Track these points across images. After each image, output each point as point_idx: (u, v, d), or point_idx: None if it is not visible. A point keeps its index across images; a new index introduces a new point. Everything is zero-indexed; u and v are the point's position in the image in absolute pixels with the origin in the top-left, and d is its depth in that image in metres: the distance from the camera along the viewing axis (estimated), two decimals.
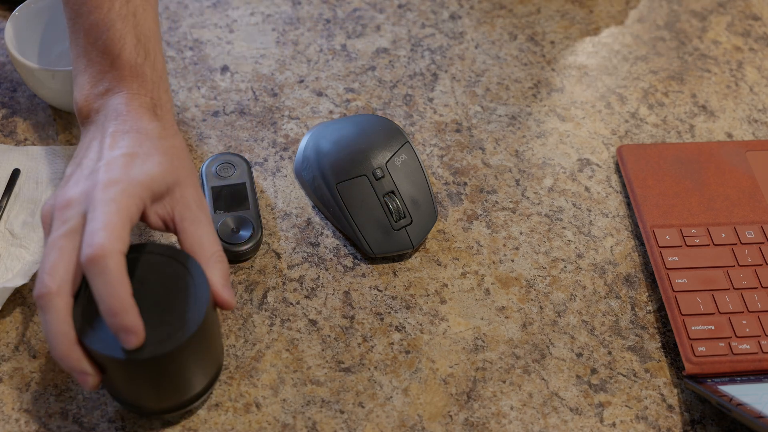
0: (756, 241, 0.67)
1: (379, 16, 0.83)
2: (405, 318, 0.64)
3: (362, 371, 0.61)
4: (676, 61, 0.81)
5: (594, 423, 0.60)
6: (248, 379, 0.61)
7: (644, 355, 0.63)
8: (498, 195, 0.71)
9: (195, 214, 0.55)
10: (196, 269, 0.54)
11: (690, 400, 0.61)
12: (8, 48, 0.69)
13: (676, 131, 0.76)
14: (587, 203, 0.71)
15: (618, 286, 0.67)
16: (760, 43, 0.83)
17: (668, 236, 0.67)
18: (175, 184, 0.55)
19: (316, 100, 0.76)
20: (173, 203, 0.55)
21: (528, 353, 0.63)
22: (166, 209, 0.55)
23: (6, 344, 0.61)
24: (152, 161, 0.54)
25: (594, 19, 0.84)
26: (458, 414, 0.60)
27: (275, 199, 0.70)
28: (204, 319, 0.52)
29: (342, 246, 0.68)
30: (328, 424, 0.59)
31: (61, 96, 0.70)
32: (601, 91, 0.78)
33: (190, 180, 0.56)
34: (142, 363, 0.51)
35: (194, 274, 0.54)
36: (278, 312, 0.64)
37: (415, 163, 0.68)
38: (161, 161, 0.54)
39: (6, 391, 0.59)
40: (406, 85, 0.78)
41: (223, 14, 0.82)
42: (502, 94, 0.78)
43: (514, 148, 0.74)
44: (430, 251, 0.68)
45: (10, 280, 0.61)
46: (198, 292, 0.53)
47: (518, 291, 0.66)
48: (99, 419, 0.58)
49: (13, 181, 0.68)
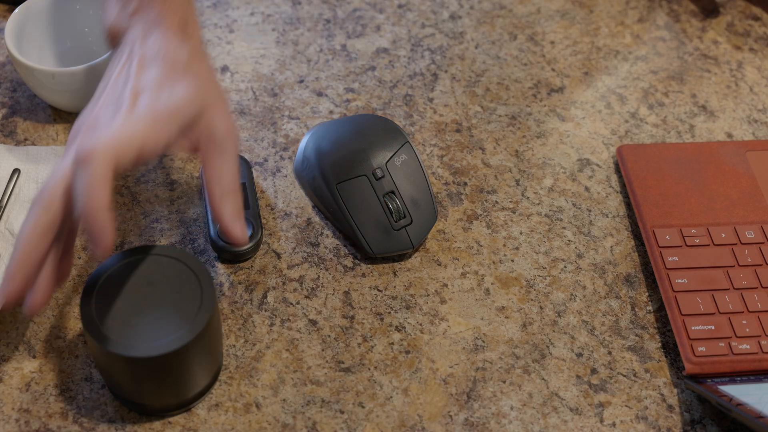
0: (756, 241, 0.67)
1: (379, 16, 0.83)
2: (405, 318, 0.64)
3: (362, 371, 0.61)
4: (676, 61, 0.81)
5: (594, 423, 0.60)
6: (248, 379, 0.61)
7: (644, 355, 0.63)
8: (498, 195, 0.71)
9: (218, 145, 0.55)
10: (202, 272, 0.55)
11: (690, 400, 0.61)
12: (8, 48, 0.69)
13: (676, 131, 0.76)
14: (587, 203, 0.71)
15: (618, 286, 0.67)
16: (760, 43, 0.83)
17: (668, 236, 0.67)
18: (204, 111, 0.54)
19: (316, 100, 0.76)
20: (200, 130, 0.54)
21: (528, 353, 0.63)
22: (191, 137, 0.54)
23: (6, 344, 0.61)
24: (179, 91, 0.53)
25: (594, 19, 0.84)
26: (458, 414, 0.60)
27: (275, 199, 0.70)
28: (209, 320, 0.53)
29: (342, 246, 0.68)
30: (328, 424, 0.59)
31: (61, 96, 0.70)
32: (601, 91, 0.78)
33: (218, 105, 0.55)
34: (145, 361, 0.51)
35: (200, 276, 0.54)
36: (278, 312, 0.64)
37: (415, 163, 0.68)
38: (188, 90, 0.53)
39: (6, 391, 0.59)
40: (406, 85, 0.78)
41: (223, 14, 0.82)
42: (502, 94, 0.78)
43: (514, 148, 0.74)
44: (430, 251, 0.68)
45: None
46: (204, 294, 0.54)
47: (518, 291, 0.66)
48: (99, 419, 0.58)
49: (13, 181, 0.68)
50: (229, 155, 0.55)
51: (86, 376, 0.60)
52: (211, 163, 0.55)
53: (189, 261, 0.55)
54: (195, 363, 0.54)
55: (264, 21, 0.82)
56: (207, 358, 0.55)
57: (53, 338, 0.62)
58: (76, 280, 0.64)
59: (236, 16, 0.82)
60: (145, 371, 0.53)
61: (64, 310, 0.63)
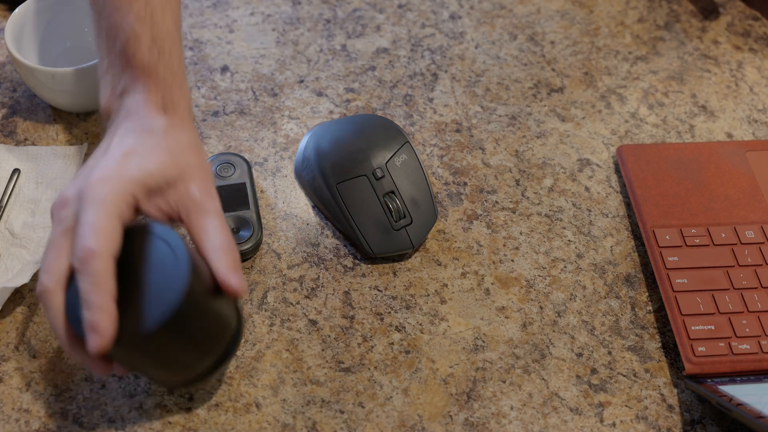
0: (756, 241, 0.67)
1: (379, 16, 0.83)
2: (405, 318, 0.64)
3: (362, 371, 0.61)
4: (676, 61, 0.81)
5: (594, 423, 0.60)
6: (248, 379, 0.61)
7: (644, 355, 0.63)
8: (498, 195, 0.71)
9: (201, 206, 0.55)
10: (177, 243, 0.53)
11: (690, 400, 0.61)
12: (8, 48, 0.69)
13: (676, 131, 0.76)
14: (587, 203, 0.71)
15: (618, 286, 0.67)
16: (760, 43, 0.83)
17: (668, 236, 0.67)
18: (178, 179, 0.55)
19: (316, 100, 0.76)
20: (177, 197, 0.55)
21: (528, 353, 0.63)
22: (170, 204, 0.55)
23: (6, 344, 0.61)
24: (151, 157, 0.54)
25: (594, 19, 0.84)
26: (458, 414, 0.60)
27: (275, 199, 0.70)
28: (184, 295, 0.51)
29: (342, 246, 0.68)
30: (328, 424, 0.59)
31: (61, 96, 0.70)
32: (601, 91, 0.78)
33: (198, 173, 0.56)
34: (126, 344, 0.51)
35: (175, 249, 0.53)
36: (278, 312, 0.64)
37: (415, 163, 0.68)
38: (161, 157, 0.54)
39: (6, 391, 0.59)
40: (406, 85, 0.78)
41: (223, 14, 0.82)
42: (502, 94, 0.78)
43: (514, 148, 0.74)
44: (430, 251, 0.68)
45: (10, 280, 0.61)
46: (178, 268, 0.52)
47: (518, 291, 0.66)
48: (99, 419, 0.58)
49: (13, 181, 0.68)
50: (213, 214, 0.55)
51: (86, 376, 0.60)
52: (194, 224, 0.55)
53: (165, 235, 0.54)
54: (181, 340, 0.53)
55: (264, 21, 0.82)
56: (196, 333, 0.53)
57: (53, 338, 0.62)
58: None
59: (236, 16, 0.82)
60: (131, 353, 0.52)
61: None
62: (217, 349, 0.55)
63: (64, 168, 0.69)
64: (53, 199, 0.67)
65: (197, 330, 0.53)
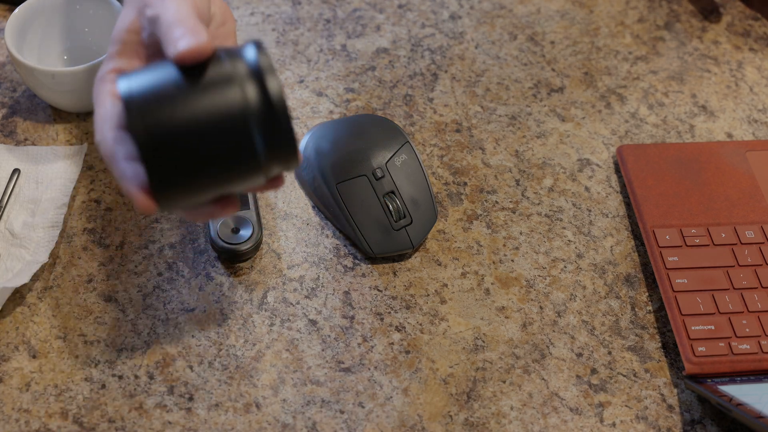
0: (756, 241, 0.67)
1: (379, 16, 0.83)
2: (405, 318, 0.64)
3: (362, 371, 0.61)
4: (676, 61, 0.81)
5: (594, 423, 0.60)
6: (248, 379, 0.61)
7: (644, 355, 0.63)
8: (498, 195, 0.71)
9: (216, 24, 0.56)
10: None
11: (690, 400, 0.61)
12: (8, 48, 0.69)
13: (676, 131, 0.76)
14: (587, 203, 0.71)
15: (618, 286, 0.67)
16: (760, 43, 0.83)
17: (668, 236, 0.67)
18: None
19: (316, 100, 0.76)
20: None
21: (528, 353, 0.63)
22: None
23: (6, 344, 0.61)
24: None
25: (594, 19, 0.84)
26: (458, 414, 0.60)
27: (275, 199, 0.70)
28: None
29: (342, 246, 0.68)
30: (328, 424, 0.59)
31: (61, 96, 0.70)
32: (601, 91, 0.78)
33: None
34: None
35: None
36: (278, 312, 0.64)
37: (415, 163, 0.68)
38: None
39: (6, 391, 0.59)
40: (406, 85, 0.78)
41: None
42: (502, 94, 0.78)
43: (514, 148, 0.74)
44: (430, 251, 0.68)
45: (10, 280, 0.62)
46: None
47: (518, 291, 0.66)
48: (99, 419, 0.58)
49: (13, 181, 0.68)
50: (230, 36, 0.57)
51: (86, 376, 0.60)
52: (157, 18, 0.52)
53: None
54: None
55: (264, 21, 0.82)
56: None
57: (53, 338, 0.62)
58: (76, 281, 0.64)
59: (236, 16, 0.82)
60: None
61: (64, 311, 0.63)
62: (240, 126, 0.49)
63: (64, 168, 0.69)
64: (53, 199, 0.67)
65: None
